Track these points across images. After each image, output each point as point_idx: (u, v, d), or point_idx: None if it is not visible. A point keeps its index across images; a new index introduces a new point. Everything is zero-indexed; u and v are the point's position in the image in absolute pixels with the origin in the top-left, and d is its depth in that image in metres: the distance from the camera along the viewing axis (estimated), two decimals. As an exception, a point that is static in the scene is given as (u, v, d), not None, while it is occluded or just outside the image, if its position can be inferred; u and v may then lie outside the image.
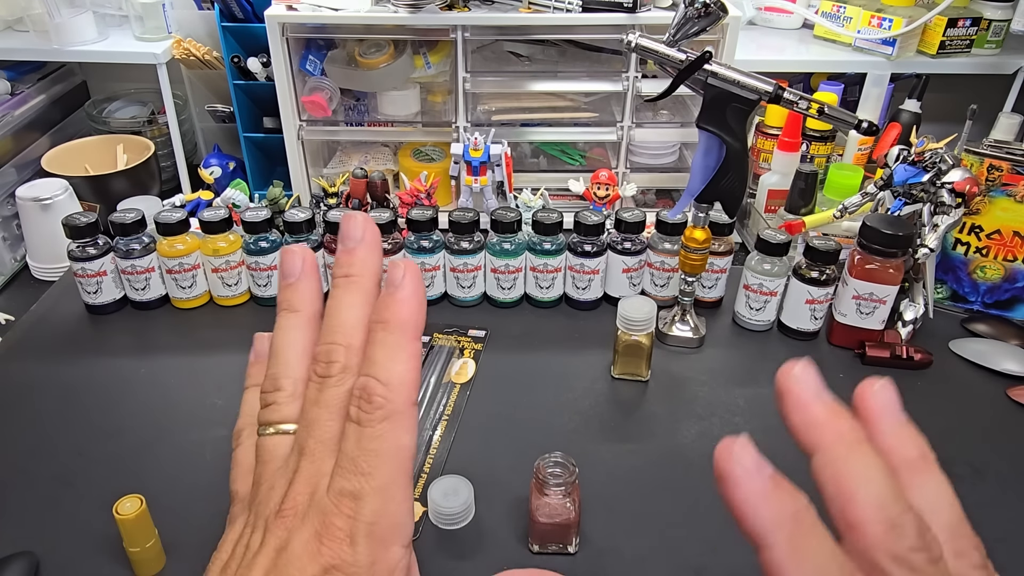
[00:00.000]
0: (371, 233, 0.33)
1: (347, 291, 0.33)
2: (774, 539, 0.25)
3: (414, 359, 0.31)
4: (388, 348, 0.31)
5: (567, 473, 0.57)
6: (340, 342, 0.32)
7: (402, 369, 0.30)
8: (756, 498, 0.26)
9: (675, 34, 0.68)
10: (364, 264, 0.33)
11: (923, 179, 0.79)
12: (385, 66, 1.04)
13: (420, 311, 0.31)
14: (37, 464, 0.67)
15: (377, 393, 0.30)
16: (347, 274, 0.33)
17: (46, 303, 0.91)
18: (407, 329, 0.31)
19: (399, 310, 0.31)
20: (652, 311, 0.74)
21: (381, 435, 0.30)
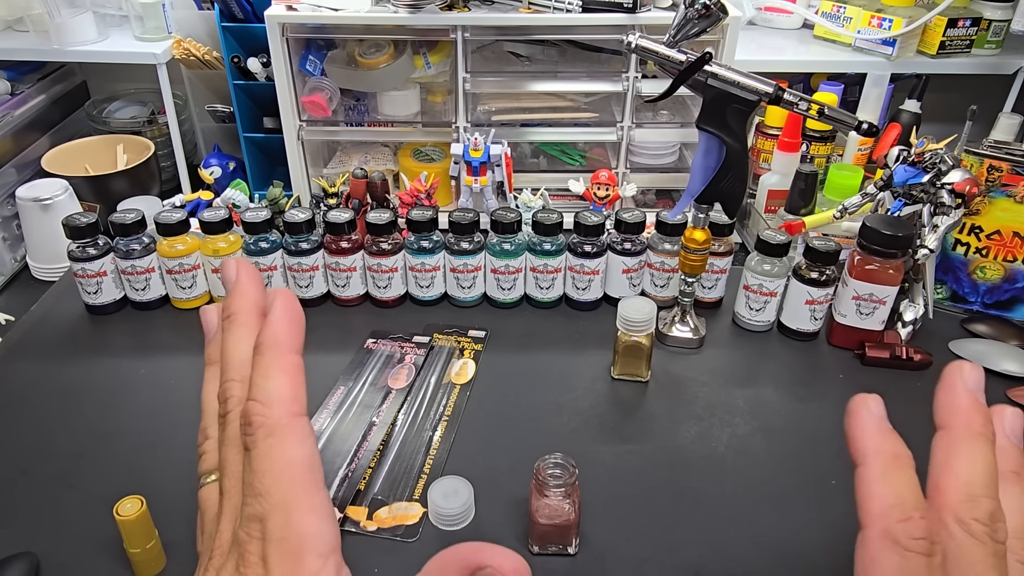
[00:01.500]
0: (244, 273, 0.35)
1: (230, 330, 0.34)
2: (872, 460, 0.31)
3: (290, 373, 0.31)
4: (262, 368, 0.31)
5: (567, 474, 0.57)
6: (233, 377, 0.33)
7: (276, 384, 0.31)
8: (872, 430, 0.32)
9: (675, 35, 0.68)
10: (241, 301, 0.34)
11: (923, 180, 0.79)
12: (385, 66, 1.04)
13: (292, 327, 0.32)
14: (37, 464, 0.67)
15: (255, 413, 0.31)
16: (228, 315, 0.34)
17: (46, 303, 0.91)
18: (278, 346, 0.32)
19: (267, 332, 0.32)
20: (652, 312, 0.74)
21: (266, 453, 0.30)
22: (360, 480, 0.65)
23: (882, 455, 0.32)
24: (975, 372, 0.32)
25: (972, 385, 0.32)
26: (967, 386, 0.32)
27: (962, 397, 0.32)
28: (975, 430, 0.31)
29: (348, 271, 0.88)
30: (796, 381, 0.80)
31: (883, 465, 0.32)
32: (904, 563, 0.30)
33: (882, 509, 0.31)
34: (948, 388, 0.32)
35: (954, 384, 0.32)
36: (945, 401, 0.32)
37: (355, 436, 0.70)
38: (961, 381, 0.32)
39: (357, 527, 0.61)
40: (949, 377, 0.33)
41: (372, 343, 0.84)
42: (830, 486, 0.66)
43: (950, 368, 0.33)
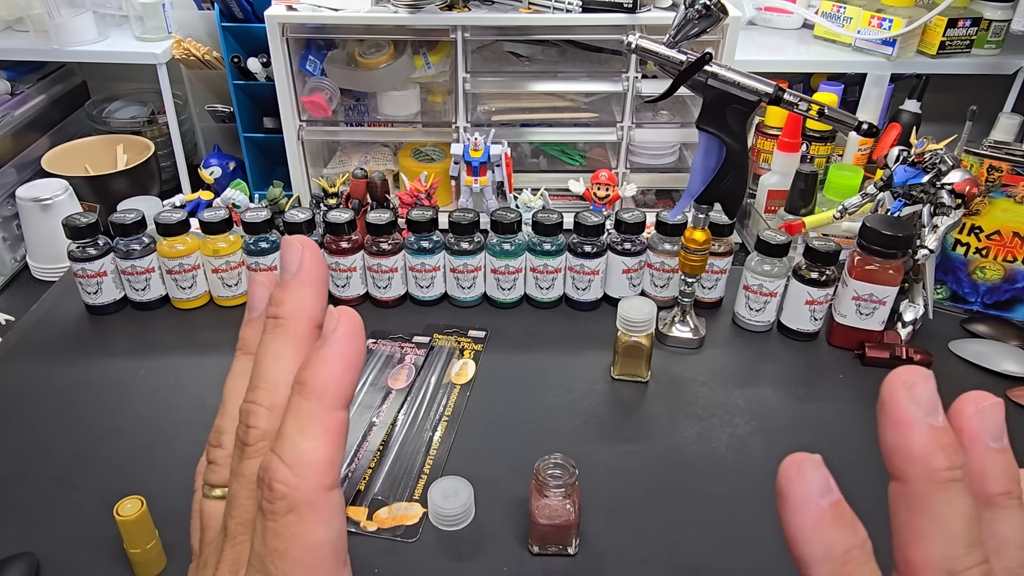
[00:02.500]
0: (309, 263, 0.27)
1: (273, 338, 0.27)
2: (819, 572, 0.24)
3: (331, 434, 0.25)
4: (300, 419, 0.25)
5: (567, 474, 0.57)
6: (262, 402, 0.27)
7: (312, 447, 0.25)
8: (811, 528, 0.24)
9: (675, 35, 0.68)
10: (295, 303, 0.27)
11: (923, 180, 0.79)
12: (385, 66, 1.04)
13: (346, 375, 0.25)
14: (37, 465, 0.67)
15: (279, 479, 0.25)
16: (275, 315, 0.27)
17: (46, 303, 0.91)
18: (325, 397, 0.25)
19: (317, 373, 0.25)
20: (652, 312, 0.74)
21: (286, 531, 0.25)
22: (360, 480, 0.65)
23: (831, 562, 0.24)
24: (924, 384, 0.23)
25: (924, 406, 0.23)
26: (918, 412, 0.23)
27: (914, 435, 0.23)
28: (939, 478, 0.23)
29: (348, 271, 0.88)
30: (796, 381, 0.80)
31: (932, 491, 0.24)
32: None
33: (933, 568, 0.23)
34: (895, 423, 0.23)
35: (901, 416, 0.23)
36: (894, 444, 0.24)
37: (355, 436, 0.70)
38: (909, 407, 0.23)
39: (357, 527, 0.61)
40: (893, 405, 0.23)
41: (372, 343, 0.84)
42: (830, 486, 0.66)
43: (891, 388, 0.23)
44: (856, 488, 0.71)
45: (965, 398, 0.25)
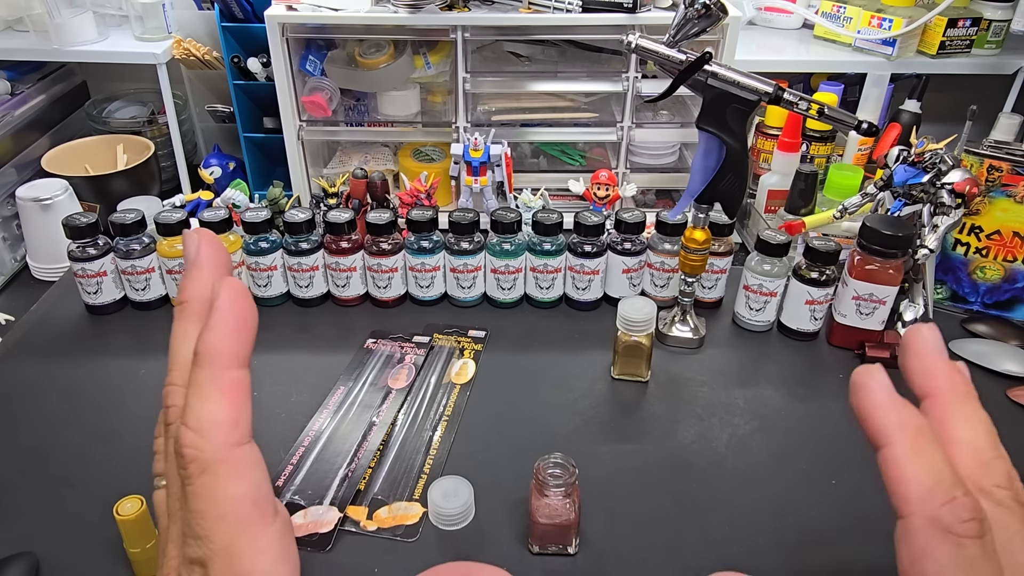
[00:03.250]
0: (206, 250, 0.30)
1: (179, 321, 0.29)
2: (897, 439, 0.28)
3: (230, 393, 0.27)
4: (197, 386, 0.27)
5: (567, 474, 0.57)
6: (176, 381, 0.29)
7: (212, 408, 0.27)
8: (886, 405, 0.28)
9: (675, 35, 0.68)
10: (196, 287, 0.30)
11: (923, 180, 0.79)
12: (385, 66, 1.04)
13: (234, 336, 0.27)
14: (37, 464, 0.67)
15: (186, 444, 0.26)
16: (180, 300, 0.30)
17: (46, 303, 0.91)
18: (217, 359, 0.27)
19: (208, 339, 0.27)
20: (652, 312, 0.74)
21: (203, 492, 0.27)
22: (360, 480, 0.65)
23: (906, 430, 0.28)
24: (935, 332, 0.30)
25: (938, 347, 0.30)
26: (933, 347, 0.30)
27: (935, 360, 0.30)
28: (961, 390, 0.30)
29: (348, 271, 0.88)
30: (796, 381, 0.80)
31: (910, 442, 0.28)
32: (961, 552, 0.26)
33: (922, 493, 0.27)
34: (917, 355, 0.30)
35: (921, 350, 0.30)
36: (919, 368, 0.30)
37: (355, 436, 0.70)
38: (927, 345, 0.30)
39: (357, 527, 0.61)
40: (914, 344, 0.30)
41: (372, 343, 0.84)
42: (830, 486, 0.66)
43: (911, 335, 0.30)
44: (856, 488, 0.71)
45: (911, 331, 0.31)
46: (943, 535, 0.26)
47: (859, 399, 0.29)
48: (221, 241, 0.30)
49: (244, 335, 0.27)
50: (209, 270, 0.30)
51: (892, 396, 0.28)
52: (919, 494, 0.27)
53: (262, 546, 0.27)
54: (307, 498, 0.63)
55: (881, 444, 0.28)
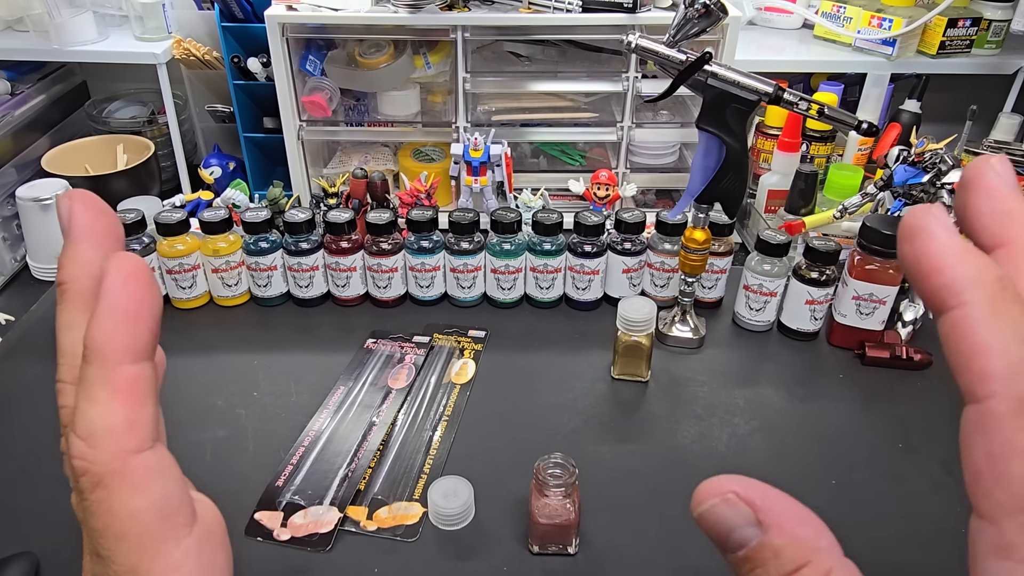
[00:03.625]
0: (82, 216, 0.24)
1: (63, 307, 0.24)
2: (974, 295, 0.20)
3: (121, 393, 0.23)
4: (86, 387, 0.23)
5: (567, 474, 0.57)
6: (65, 378, 0.25)
7: (101, 412, 0.22)
8: (957, 252, 0.20)
9: (675, 35, 0.68)
10: (74, 264, 0.24)
11: (923, 180, 0.79)
12: (385, 66, 1.04)
13: (124, 325, 0.22)
14: (37, 464, 0.67)
15: (76, 455, 0.23)
16: (59, 281, 0.24)
17: (46, 303, 0.91)
18: (106, 355, 0.22)
19: (93, 332, 0.22)
20: (652, 312, 0.74)
21: (99, 508, 0.23)
22: (360, 480, 0.65)
23: (985, 285, 0.20)
24: (1005, 164, 0.22)
25: (1013, 183, 0.22)
26: (1010, 184, 0.22)
27: (1012, 199, 0.22)
28: None
29: (348, 271, 0.88)
30: (796, 381, 0.80)
31: (991, 301, 0.20)
32: None
33: (1012, 367, 0.20)
34: (988, 193, 0.22)
35: (994, 185, 0.22)
36: (991, 210, 0.22)
37: (355, 436, 0.70)
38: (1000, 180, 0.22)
39: (357, 527, 0.61)
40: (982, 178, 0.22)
41: (372, 343, 0.84)
42: (830, 486, 0.66)
43: (978, 168, 0.22)
44: (857, 488, 0.71)
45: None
46: None
47: (918, 246, 0.21)
48: (103, 203, 0.25)
49: (140, 323, 0.23)
50: (90, 242, 0.24)
51: (962, 242, 0.21)
52: (1007, 369, 0.20)
53: (173, 563, 0.24)
54: (307, 498, 0.63)
55: (950, 305, 0.21)
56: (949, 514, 0.64)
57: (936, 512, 0.63)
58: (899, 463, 0.68)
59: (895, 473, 0.67)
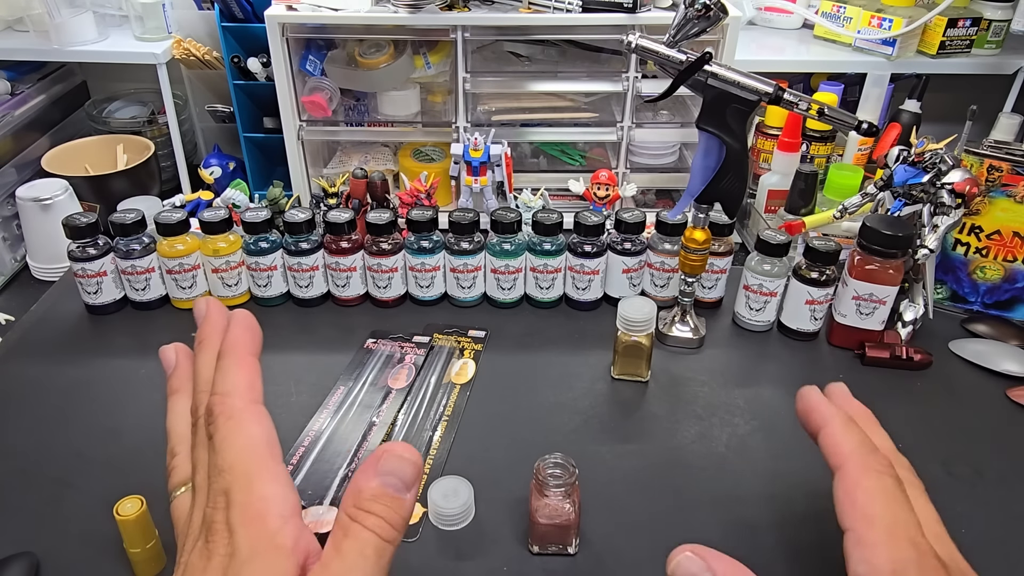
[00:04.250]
0: (212, 306, 0.43)
1: (200, 353, 0.41)
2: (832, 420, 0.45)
3: (247, 369, 0.38)
4: (222, 369, 0.38)
5: (567, 474, 0.57)
6: (201, 389, 0.39)
7: (233, 378, 0.37)
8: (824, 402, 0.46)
9: (675, 35, 0.68)
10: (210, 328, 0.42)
11: (923, 180, 0.79)
12: (385, 66, 1.04)
13: (247, 335, 0.40)
14: (37, 464, 0.67)
15: (216, 403, 0.36)
16: (199, 341, 0.41)
17: (46, 303, 0.91)
18: (236, 349, 0.39)
19: (227, 340, 0.39)
20: (652, 312, 0.74)
21: (227, 433, 0.35)
22: (360, 480, 0.65)
23: (838, 415, 0.45)
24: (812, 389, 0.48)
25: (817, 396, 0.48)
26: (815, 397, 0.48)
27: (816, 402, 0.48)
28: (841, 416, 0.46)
29: (348, 271, 0.88)
30: (796, 381, 0.79)
31: (842, 421, 0.45)
32: (883, 481, 0.41)
33: (852, 448, 0.43)
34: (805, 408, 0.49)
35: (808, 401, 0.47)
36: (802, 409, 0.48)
37: (355, 436, 0.70)
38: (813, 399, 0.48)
39: (357, 527, 0.61)
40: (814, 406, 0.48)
41: (372, 343, 0.84)
42: (830, 485, 0.66)
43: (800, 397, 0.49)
44: (856, 488, 0.70)
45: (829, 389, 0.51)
46: (869, 471, 0.42)
47: (802, 404, 0.47)
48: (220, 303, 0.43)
49: (254, 337, 0.40)
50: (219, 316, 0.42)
51: (825, 400, 0.47)
52: (851, 449, 0.43)
53: (274, 474, 0.34)
54: (307, 498, 0.63)
55: (821, 428, 0.45)
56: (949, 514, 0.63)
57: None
58: (899, 463, 0.68)
59: (895, 473, 0.67)
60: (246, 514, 0.32)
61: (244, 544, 0.32)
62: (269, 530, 0.32)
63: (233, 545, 0.32)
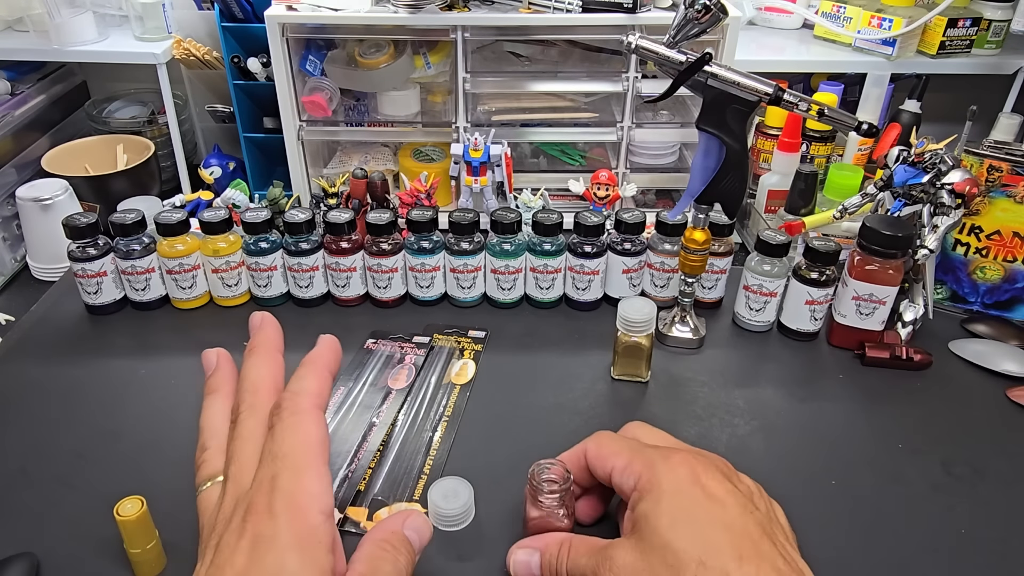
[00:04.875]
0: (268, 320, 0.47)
1: (251, 356, 0.45)
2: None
3: (320, 380, 0.42)
4: (300, 375, 0.42)
5: (563, 480, 0.56)
6: (247, 388, 0.42)
7: (306, 384, 0.41)
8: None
9: (675, 35, 0.68)
10: (264, 337, 0.46)
11: (923, 180, 0.79)
12: (385, 66, 1.04)
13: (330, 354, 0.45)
14: (37, 464, 0.67)
15: (286, 399, 0.39)
16: (252, 347, 0.45)
17: (46, 303, 0.91)
18: (316, 363, 0.43)
19: (311, 354, 0.44)
20: (652, 312, 0.74)
21: (289, 427, 0.38)
22: (360, 481, 0.65)
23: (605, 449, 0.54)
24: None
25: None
26: None
27: None
28: None
29: (348, 271, 0.88)
30: (796, 381, 0.80)
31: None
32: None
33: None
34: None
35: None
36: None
37: (355, 437, 0.70)
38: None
39: (357, 528, 0.61)
40: None
41: (372, 343, 0.84)
42: (830, 486, 0.66)
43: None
44: (857, 487, 0.71)
45: None
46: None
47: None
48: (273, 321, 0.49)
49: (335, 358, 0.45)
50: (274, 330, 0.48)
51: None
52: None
53: (322, 474, 0.37)
54: (307, 498, 0.63)
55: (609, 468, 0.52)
56: (949, 514, 0.64)
57: (936, 512, 0.63)
58: (899, 463, 0.69)
59: (895, 473, 0.67)
60: (291, 502, 0.34)
61: (286, 531, 0.33)
62: (311, 523, 0.34)
63: (274, 529, 0.33)
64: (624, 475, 0.49)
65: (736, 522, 0.43)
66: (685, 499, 0.44)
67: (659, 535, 0.43)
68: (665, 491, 0.45)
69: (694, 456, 0.48)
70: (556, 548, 0.50)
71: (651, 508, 0.44)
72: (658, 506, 0.44)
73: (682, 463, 0.47)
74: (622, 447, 0.51)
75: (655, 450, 0.49)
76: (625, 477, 0.49)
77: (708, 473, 0.46)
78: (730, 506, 0.44)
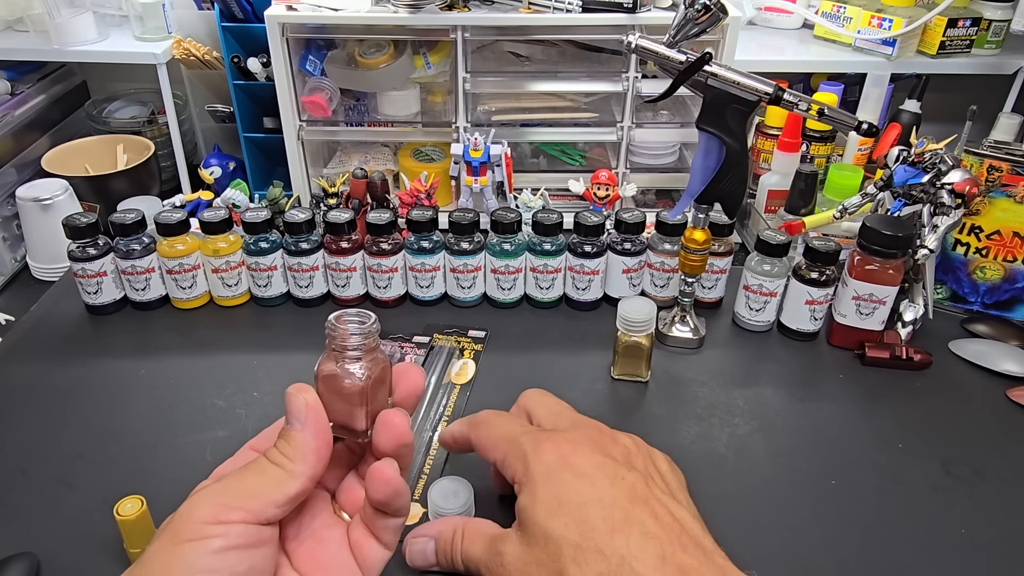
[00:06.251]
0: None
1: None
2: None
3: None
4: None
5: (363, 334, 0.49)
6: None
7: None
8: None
9: (675, 35, 0.68)
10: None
11: (923, 180, 0.79)
12: (385, 66, 1.04)
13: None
14: (37, 464, 0.67)
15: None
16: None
17: (46, 303, 0.91)
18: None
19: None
20: (652, 312, 0.74)
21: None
22: (360, 480, 0.65)
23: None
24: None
25: None
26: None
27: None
28: None
29: (348, 271, 0.88)
30: (796, 381, 0.80)
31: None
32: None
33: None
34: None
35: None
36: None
37: (355, 436, 0.70)
38: None
39: (357, 527, 0.61)
40: None
41: (372, 343, 0.84)
42: (830, 486, 0.66)
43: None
44: (856, 487, 0.71)
45: None
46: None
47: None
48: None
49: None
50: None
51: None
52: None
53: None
54: (307, 498, 0.63)
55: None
56: (949, 514, 0.64)
57: (936, 512, 0.63)
58: (899, 463, 0.69)
59: (895, 473, 0.67)
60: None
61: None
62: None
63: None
64: (504, 468, 0.50)
65: (606, 495, 0.45)
66: (557, 485, 0.46)
67: (539, 526, 0.45)
68: (538, 482, 0.46)
69: (564, 437, 0.49)
70: (450, 535, 0.51)
71: (528, 501, 0.46)
72: (534, 499, 0.46)
73: (551, 449, 0.48)
74: (499, 439, 0.52)
75: (528, 437, 0.50)
76: (505, 470, 0.50)
77: (578, 451, 0.47)
78: (598, 480, 0.46)
